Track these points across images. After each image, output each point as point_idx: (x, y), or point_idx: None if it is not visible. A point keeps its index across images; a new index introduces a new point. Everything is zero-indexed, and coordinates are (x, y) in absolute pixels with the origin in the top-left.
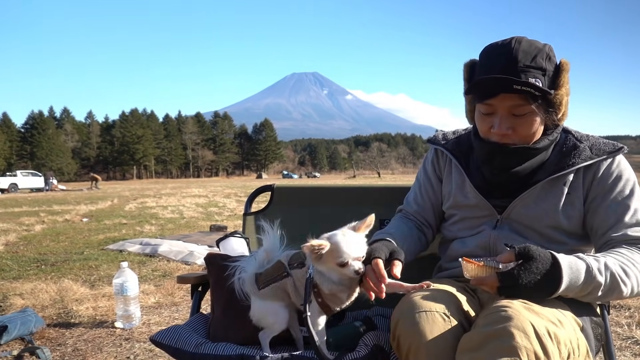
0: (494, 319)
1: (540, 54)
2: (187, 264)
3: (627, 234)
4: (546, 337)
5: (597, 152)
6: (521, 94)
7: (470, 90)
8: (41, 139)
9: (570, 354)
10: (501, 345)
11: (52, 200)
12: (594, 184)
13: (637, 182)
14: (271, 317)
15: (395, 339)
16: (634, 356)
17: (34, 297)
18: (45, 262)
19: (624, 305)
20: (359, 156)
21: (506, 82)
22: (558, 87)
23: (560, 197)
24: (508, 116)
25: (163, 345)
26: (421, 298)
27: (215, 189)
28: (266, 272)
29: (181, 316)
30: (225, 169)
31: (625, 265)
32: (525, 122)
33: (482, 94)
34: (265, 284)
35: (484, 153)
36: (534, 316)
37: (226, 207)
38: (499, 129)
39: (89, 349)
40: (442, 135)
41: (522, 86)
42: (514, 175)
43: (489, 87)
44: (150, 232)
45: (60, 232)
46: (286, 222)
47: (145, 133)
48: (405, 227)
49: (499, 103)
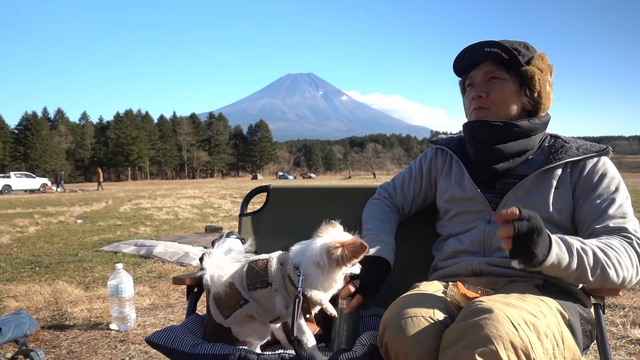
0: (470, 313)
1: (518, 42)
2: (183, 265)
3: (608, 225)
4: (523, 326)
5: (584, 151)
6: (491, 57)
7: (455, 66)
8: (35, 140)
9: (554, 346)
10: (476, 337)
11: (46, 202)
12: (580, 180)
13: (622, 180)
14: (250, 337)
15: (383, 346)
16: (629, 355)
17: (28, 299)
18: (40, 263)
19: (619, 305)
20: (354, 157)
21: (479, 46)
22: (530, 64)
23: (549, 190)
24: (484, 82)
25: (159, 346)
26: (407, 304)
27: (211, 190)
28: (224, 299)
29: (177, 317)
30: (221, 170)
31: (604, 247)
32: (497, 86)
33: (464, 66)
34: (228, 314)
35: (468, 130)
36: (511, 308)
37: (221, 208)
38: (475, 92)
39: (83, 351)
40: (445, 137)
41: (492, 47)
42: (497, 153)
43: (467, 55)
44: (145, 233)
45: (54, 233)
46: (282, 223)
47: (139, 134)
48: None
49: (477, 72)
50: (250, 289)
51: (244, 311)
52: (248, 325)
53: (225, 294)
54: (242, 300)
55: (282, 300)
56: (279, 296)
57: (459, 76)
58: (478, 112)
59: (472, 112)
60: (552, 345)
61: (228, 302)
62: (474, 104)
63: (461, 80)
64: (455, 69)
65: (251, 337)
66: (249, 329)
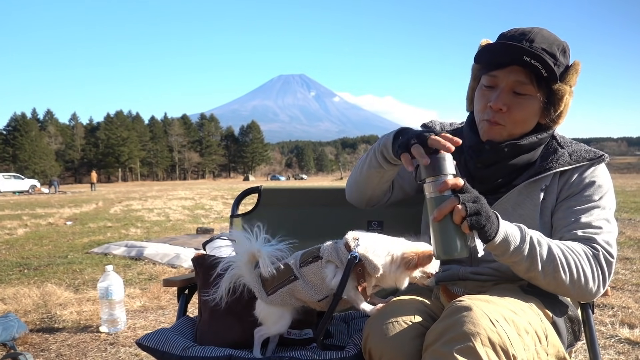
0: (450, 312)
1: (557, 44)
2: (174, 267)
3: (576, 233)
4: (501, 322)
5: (577, 159)
6: (527, 68)
7: (479, 57)
8: (24, 141)
9: (535, 343)
10: (455, 334)
11: (35, 204)
12: (564, 188)
13: (611, 191)
14: (275, 319)
15: (367, 352)
16: (618, 354)
17: (17, 302)
18: (28, 266)
19: (608, 305)
20: (346, 158)
21: (517, 50)
22: (564, 82)
23: (537, 202)
24: (508, 92)
25: (149, 349)
26: (389, 310)
27: (202, 192)
28: (272, 277)
29: (167, 320)
30: (212, 171)
31: (565, 248)
32: (522, 103)
33: (491, 61)
34: (274, 290)
35: (473, 149)
36: (490, 305)
37: (213, 210)
38: (496, 103)
39: (73, 355)
40: (439, 124)
41: (532, 58)
42: (495, 173)
43: (499, 54)
44: (135, 235)
45: (43, 235)
46: (273, 224)
47: (130, 135)
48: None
49: (504, 76)
50: (301, 265)
51: (290, 288)
52: (281, 309)
53: (278, 271)
54: (292, 276)
55: (333, 271)
56: (330, 267)
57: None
58: (491, 127)
59: (484, 122)
60: (534, 342)
61: (277, 279)
62: (489, 114)
63: (476, 67)
64: (478, 59)
65: (273, 319)
66: (279, 312)
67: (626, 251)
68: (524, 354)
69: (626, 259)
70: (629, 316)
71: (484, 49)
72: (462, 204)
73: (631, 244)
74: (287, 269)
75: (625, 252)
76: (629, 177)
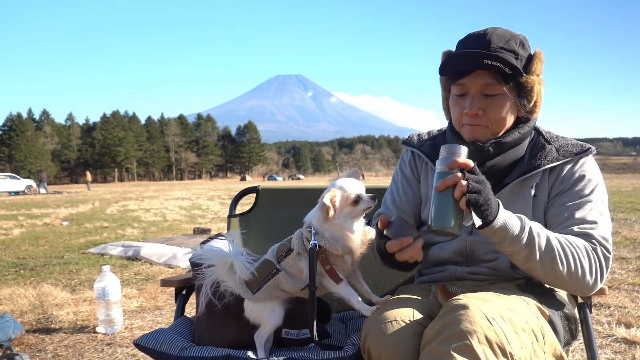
0: (447, 310)
1: (514, 39)
2: (171, 267)
3: (572, 230)
4: (498, 321)
5: (564, 154)
6: (491, 70)
7: (443, 68)
8: (20, 141)
9: (532, 340)
10: (452, 332)
11: (31, 204)
12: (556, 184)
13: (601, 183)
14: (267, 314)
15: (366, 352)
16: (615, 353)
17: (13, 302)
18: (24, 266)
19: (604, 304)
20: (342, 158)
21: (476, 56)
22: (530, 73)
23: (528, 200)
24: (479, 96)
25: (147, 349)
26: (387, 309)
27: (199, 192)
28: (254, 276)
29: (165, 320)
30: (209, 171)
31: (565, 241)
32: (496, 104)
33: (455, 71)
34: (259, 287)
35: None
36: (487, 304)
37: (210, 210)
38: (470, 108)
39: (69, 355)
40: (417, 137)
41: (493, 60)
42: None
43: (460, 62)
44: (132, 235)
45: (39, 236)
46: (271, 224)
47: (127, 135)
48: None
49: (471, 82)
50: (279, 260)
51: (274, 281)
52: (270, 303)
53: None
54: (275, 269)
55: (306, 263)
56: (303, 260)
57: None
58: (473, 130)
59: (465, 127)
60: (531, 340)
61: (260, 276)
62: (467, 120)
63: (444, 78)
64: (442, 71)
65: (266, 316)
66: (269, 306)
67: (622, 251)
68: (521, 352)
69: (622, 258)
70: (625, 316)
71: (445, 61)
72: (466, 180)
73: (627, 244)
74: (268, 264)
75: (622, 252)
76: (625, 177)
